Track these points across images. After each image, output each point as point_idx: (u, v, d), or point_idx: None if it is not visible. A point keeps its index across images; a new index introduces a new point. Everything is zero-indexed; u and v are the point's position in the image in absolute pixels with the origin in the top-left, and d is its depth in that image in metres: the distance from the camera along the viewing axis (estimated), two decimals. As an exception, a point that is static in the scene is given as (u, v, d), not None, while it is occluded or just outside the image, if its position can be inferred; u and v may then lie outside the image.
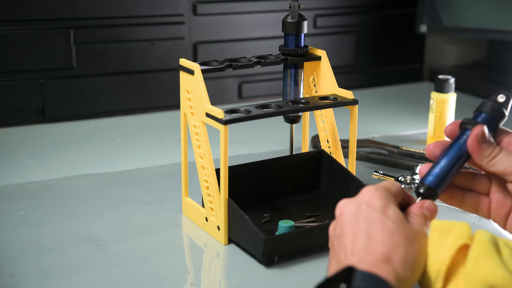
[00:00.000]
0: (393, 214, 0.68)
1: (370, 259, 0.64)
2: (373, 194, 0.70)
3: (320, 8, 1.62)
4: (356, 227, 0.68)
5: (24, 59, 1.36)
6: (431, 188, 0.74)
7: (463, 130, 0.75)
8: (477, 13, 1.56)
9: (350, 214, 0.69)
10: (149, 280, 0.81)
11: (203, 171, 0.90)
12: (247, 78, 1.57)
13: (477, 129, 0.73)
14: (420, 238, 0.68)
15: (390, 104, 1.59)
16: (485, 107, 0.75)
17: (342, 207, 0.71)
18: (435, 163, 0.75)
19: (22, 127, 1.37)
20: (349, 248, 0.67)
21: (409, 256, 0.66)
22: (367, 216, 0.68)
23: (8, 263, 0.84)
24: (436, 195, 0.74)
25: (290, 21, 0.97)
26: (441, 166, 0.74)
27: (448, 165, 0.74)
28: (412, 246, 0.67)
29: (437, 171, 0.74)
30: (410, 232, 0.68)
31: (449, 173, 0.74)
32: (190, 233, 0.93)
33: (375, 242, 0.66)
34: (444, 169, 0.74)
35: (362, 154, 1.18)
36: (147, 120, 1.45)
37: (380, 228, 0.67)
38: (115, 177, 1.12)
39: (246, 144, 1.29)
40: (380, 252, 0.65)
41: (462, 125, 0.75)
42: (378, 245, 0.65)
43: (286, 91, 1.00)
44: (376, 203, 0.69)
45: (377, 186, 0.72)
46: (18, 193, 1.04)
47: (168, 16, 1.46)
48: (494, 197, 0.77)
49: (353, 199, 0.71)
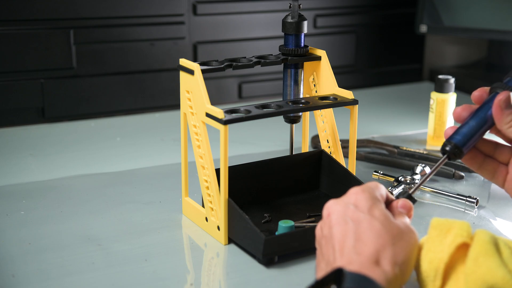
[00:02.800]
0: (379, 214, 0.70)
1: (359, 261, 0.66)
2: (360, 195, 0.71)
3: (320, 8, 1.62)
4: (344, 228, 0.69)
5: (24, 59, 1.36)
6: (457, 146, 0.75)
7: (494, 94, 0.77)
8: (477, 13, 1.56)
9: (338, 215, 0.70)
10: (149, 280, 0.81)
11: (203, 171, 0.90)
12: (247, 78, 1.57)
13: (502, 94, 0.75)
14: (407, 234, 0.69)
15: (390, 104, 1.59)
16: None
17: (329, 208, 0.72)
18: (463, 123, 0.76)
19: (22, 127, 1.37)
20: (338, 250, 0.68)
21: (397, 255, 0.67)
22: (355, 217, 0.69)
23: (8, 263, 0.84)
24: (462, 153, 0.76)
25: (290, 21, 0.97)
26: (469, 126, 0.76)
27: (476, 126, 0.76)
28: (400, 244, 0.68)
29: (464, 130, 0.76)
30: (397, 230, 0.69)
31: (476, 133, 0.76)
32: (190, 233, 0.93)
33: (363, 243, 0.67)
34: (472, 129, 0.76)
35: (362, 154, 1.18)
36: (147, 120, 1.45)
37: (368, 229, 0.68)
38: (115, 177, 1.12)
39: (246, 144, 1.29)
40: (368, 254, 0.66)
41: (492, 89, 0.77)
42: (366, 247, 0.66)
43: (286, 91, 1.00)
44: (363, 204, 0.70)
45: (364, 186, 0.73)
46: (18, 193, 1.04)
47: (168, 16, 1.46)
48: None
49: (340, 200, 0.72)
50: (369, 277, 0.64)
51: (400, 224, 0.70)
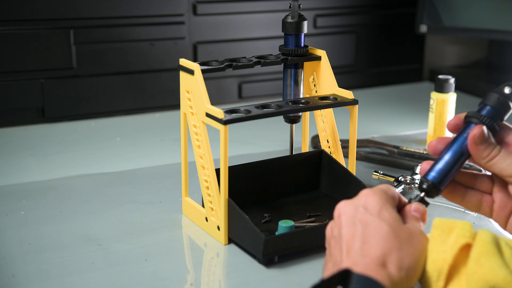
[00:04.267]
0: (389, 216, 0.69)
1: (365, 263, 0.65)
2: (371, 197, 0.71)
3: (320, 8, 1.62)
4: (353, 230, 0.68)
5: (24, 59, 1.36)
6: (434, 184, 0.73)
7: (467, 124, 0.74)
8: (477, 13, 1.56)
9: (348, 216, 0.70)
10: (149, 280, 0.81)
11: (203, 171, 0.90)
12: (247, 78, 1.57)
13: (475, 129, 0.72)
14: (417, 239, 0.69)
15: (390, 104, 1.59)
16: (490, 99, 0.73)
17: (340, 209, 0.72)
18: (438, 158, 0.74)
19: (22, 127, 1.37)
20: (345, 250, 0.68)
21: (403, 260, 0.66)
22: (363, 220, 0.69)
23: (8, 263, 0.84)
24: (439, 190, 0.74)
25: (290, 21, 0.97)
26: (444, 161, 0.73)
27: (451, 160, 0.73)
28: (408, 248, 0.67)
29: (440, 166, 0.73)
30: (406, 235, 0.68)
31: (453, 168, 0.74)
32: (190, 233, 0.93)
33: (370, 246, 0.67)
34: (448, 164, 0.73)
35: (362, 154, 1.18)
36: (147, 120, 1.45)
37: (376, 232, 0.67)
38: (115, 177, 1.12)
39: (246, 144, 1.29)
40: (374, 256, 0.66)
41: (467, 118, 0.74)
42: (372, 249, 0.66)
43: (286, 91, 1.00)
44: (373, 206, 0.70)
45: (375, 189, 0.72)
46: (18, 193, 1.04)
47: (168, 16, 1.46)
48: (497, 196, 0.76)
49: (351, 201, 0.72)
50: (374, 279, 0.63)
51: (411, 228, 0.70)
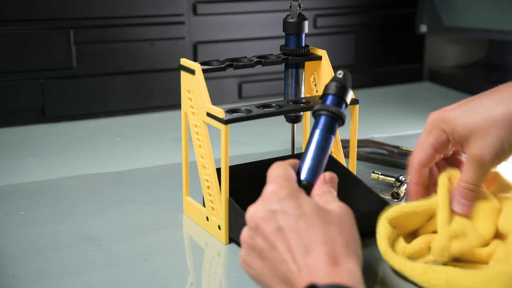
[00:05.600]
0: (310, 207, 0.66)
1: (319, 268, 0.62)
2: (281, 196, 0.68)
3: (320, 8, 1.62)
4: (287, 241, 0.64)
5: (24, 59, 1.36)
6: (310, 183, 0.75)
7: (318, 117, 0.78)
8: (477, 13, 1.56)
9: (271, 227, 0.66)
10: (149, 280, 0.81)
11: (204, 170, 0.90)
12: (248, 78, 1.57)
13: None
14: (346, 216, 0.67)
15: (390, 104, 1.59)
16: (330, 88, 0.79)
17: (254, 218, 0.68)
18: (302, 158, 0.77)
19: (22, 127, 1.37)
20: (290, 260, 0.64)
21: (349, 244, 0.64)
22: (290, 225, 0.65)
23: (8, 263, 0.84)
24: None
25: (291, 21, 0.96)
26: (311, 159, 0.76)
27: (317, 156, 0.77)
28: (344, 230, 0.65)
29: (309, 166, 0.76)
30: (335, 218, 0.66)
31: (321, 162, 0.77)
32: (190, 232, 0.93)
33: (311, 246, 0.63)
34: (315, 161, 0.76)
35: (362, 154, 1.18)
36: (147, 120, 1.45)
37: (309, 229, 0.64)
38: (115, 177, 1.12)
39: (247, 144, 1.29)
40: (323, 254, 0.62)
41: (315, 112, 0.78)
42: (317, 247, 0.63)
43: (287, 90, 1.00)
44: (290, 206, 0.66)
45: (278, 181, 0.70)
46: (18, 193, 1.04)
47: (168, 16, 1.46)
48: None
49: (262, 207, 0.68)
50: (339, 285, 0.60)
51: (334, 209, 0.67)
